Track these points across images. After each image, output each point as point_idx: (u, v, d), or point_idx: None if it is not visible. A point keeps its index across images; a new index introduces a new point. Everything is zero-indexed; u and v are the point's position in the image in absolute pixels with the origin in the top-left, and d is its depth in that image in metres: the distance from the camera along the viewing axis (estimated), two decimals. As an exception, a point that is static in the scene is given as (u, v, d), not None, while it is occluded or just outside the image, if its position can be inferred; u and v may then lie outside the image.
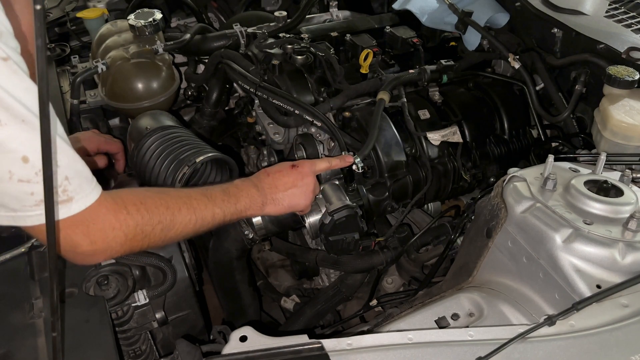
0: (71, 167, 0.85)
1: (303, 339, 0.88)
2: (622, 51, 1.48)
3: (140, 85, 1.78)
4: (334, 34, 1.86)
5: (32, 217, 0.83)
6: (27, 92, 0.77)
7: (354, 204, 1.35)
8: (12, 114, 0.75)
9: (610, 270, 0.97)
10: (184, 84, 2.02)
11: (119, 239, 0.94)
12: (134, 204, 0.96)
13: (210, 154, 1.40)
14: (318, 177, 1.38)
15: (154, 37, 1.85)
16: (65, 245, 0.90)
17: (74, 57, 2.07)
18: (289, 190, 1.25)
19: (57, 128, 0.83)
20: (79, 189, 0.86)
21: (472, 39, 1.83)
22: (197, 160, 1.38)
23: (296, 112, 1.54)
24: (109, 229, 0.92)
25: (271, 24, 1.97)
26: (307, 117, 1.52)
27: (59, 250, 0.91)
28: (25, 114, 0.77)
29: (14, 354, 0.98)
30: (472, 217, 1.29)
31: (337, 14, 2.12)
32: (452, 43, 1.91)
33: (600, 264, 0.97)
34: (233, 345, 0.87)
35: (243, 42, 1.93)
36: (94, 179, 0.90)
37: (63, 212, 0.85)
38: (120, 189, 1.02)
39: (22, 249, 1.17)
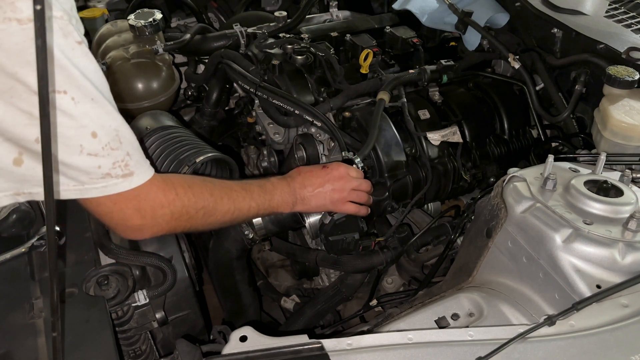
0: (132, 143, 0.93)
1: (303, 339, 0.88)
2: (622, 51, 1.48)
3: (140, 85, 1.78)
4: (334, 34, 1.86)
5: (98, 189, 0.90)
6: (96, 73, 0.87)
7: (354, 204, 1.35)
8: (84, 92, 0.83)
9: (610, 270, 0.97)
10: (184, 84, 2.02)
11: (166, 216, 1.01)
12: (182, 187, 1.03)
13: (210, 154, 1.41)
14: None
15: (154, 37, 1.85)
16: (116, 218, 0.97)
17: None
18: (317, 190, 1.29)
19: (115, 107, 0.91)
20: (138, 165, 0.94)
21: (472, 39, 1.83)
22: (197, 160, 1.38)
23: (296, 112, 1.54)
24: (159, 206, 0.99)
25: (271, 24, 1.97)
26: (307, 117, 1.52)
27: (110, 222, 0.98)
28: (95, 93, 0.85)
29: (14, 354, 0.98)
30: (472, 217, 1.29)
31: (337, 14, 2.12)
32: (452, 43, 1.91)
33: (600, 264, 0.97)
34: (233, 345, 0.87)
35: (243, 42, 1.93)
36: (147, 159, 0.98)
37: (125, 185, 0.92)
38: (169, 173, 1.11)
39: (22, 249, 1.17)
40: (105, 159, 0.88)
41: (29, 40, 0.75)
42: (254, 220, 1.44)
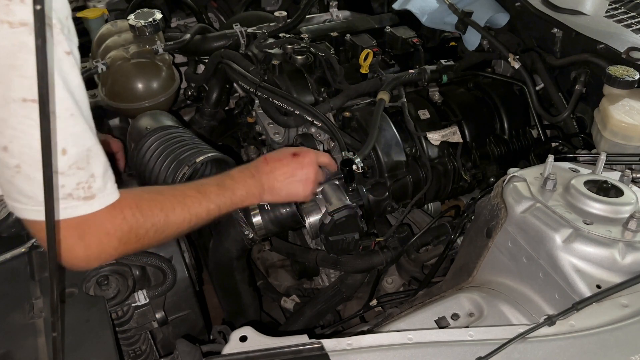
0: (100, 165, 0.88)
1: (303, 339, 0.88)
2: (622, 51, 1.48)
3: (140, 85, 1.78)
4: (334, 34, 1.86)
5: (58, 210, 0.84)
6: (79, 88, 0.82)
7: (354, 204, 1.35)
8: (64, 106, 0.79)
9: (610, 270, 0.97)
10: (184, 84, 2.02)
11: (112, 243, 0.93)
12: (130, 208, 0.95)
13: (210, 154, 1.41)
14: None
15: (154, 37, 1.85)
16: (72, 232, 0.89)
17: (74, 57, 2.06)
18: (288, 179, 1.24)
19: (93, 125, 0.86)
20: (101, 189, 0.88)
21: (472, 39, 1.83)
22: (197, 160, 1.38)
23: (296, 112, 1.54)
24: (104, 234, 0.92)
25: (271, 24, 1.97)
26: (307, 117, 1.52)
27: (64, 231, 0.90)
28: (74, 108, 0.80)
29: (14, 354, 0.98)
30: (472, 217, 1.29)
31: (337, 14, 2.12)
32: (452, 43, 1.91)
33: (600, 264, 0.97)
34: (233, 345, 0.87)
35: (243, 42, 1.93)
36: (114, 183, 0.92)
37: (84, 209, 0.86)
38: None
39: (22, 249, 1.17)
40: (69, 179, 0.83)
41: (18, 44, 0.73)
42: (254, 220, 1.44)
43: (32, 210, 0.84)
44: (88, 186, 0.85)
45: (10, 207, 0.86)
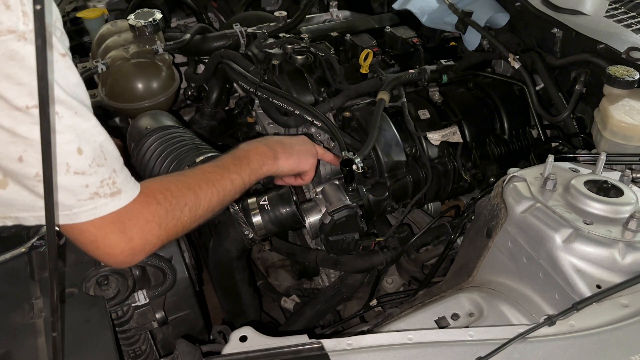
0: (117, 159, 0.87)
1: (303, 339, 0.88)
2: (622, 51, 1.48)
3: (140, 85, 1.78)
4: (334, 34, 1.86)
5: (88, 211, 0.83)
6: (79, 87, 0.81)
7: (354, 204, 1.35)
8: (67, 106, 0.77)
9: (610, 270, 0.97)
10: (184, 84, 2.02)
11: (154, 230, 0.93)
12: (160, 192, 0.96)
13: (209, 154, 1.41)
14: (317, 176, 1.39)
15: (154, 37, 1.85)
16: (102, 247, 0.88)
17: (74, 57, 2.07)
18: (296, 147, 1.28)
19: (98, 121, 0.85)
20: (125, 182, 0.87)
21: (472, 39, 1.83)
22: (197, 160, 1.38)
23: (296, 112, 1.54)
24: (144, 222, 0.91)
25: (271, 24, 1.97)
26: (307, 117, 1.52)
27: (95, 253, 0.89)
28: (79, 106, 0.79)
29: (14, 354, 0.98)
30: (472, 217, 1.29)
31: (337, 14, 2.12)
32: (452, 43, 1.91)
33: (600, 264, 0.97)
34: (233, 345, 0.87)
35: (243, 42, 1.93)
36: (131, 177, 0.91)
37: (114, 205, 0.85)
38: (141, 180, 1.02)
39: (22, 249, 1.17)
40: (92, 177, 0.81)
41: (8, 52, 0.71)
42: (254, 220, 1.44)
43: (63, 215, 0.83)
44: (112, 182, 0.84)
45: (36, 219, 0.84)
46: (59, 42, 0.77)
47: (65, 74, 0.78)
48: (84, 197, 0.82)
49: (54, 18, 0.78)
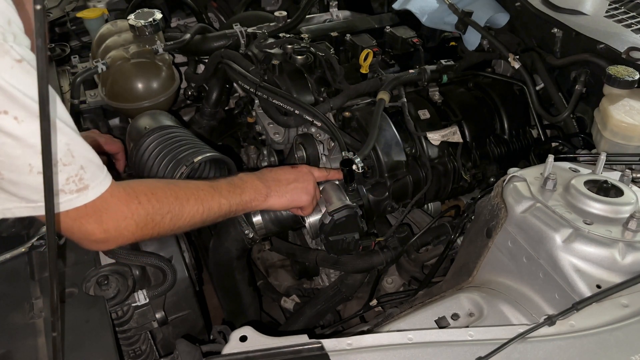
0: (85, 156, 0.89)
1: (303, 339, 0.88)
2: (622, 51, 1.48)
3: (140, 85, 1.78)
4: (334, 34, 1.86)
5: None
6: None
7: (354, 204, 1.35)
8: (29, 111, 0.79)
9: (610, 270, 0.97)
10: (184, 84, 2.02)
11: (130, 227, 0.98)
12: (145, 194, 1.00)
13: (208, 154, 1.40)
14: None
15: (154, 37, 1.85)
16: (78, 234, 0.94)
17: (74, 57, 2.07)
18: (291, 184, 1.29)
19: (69, 121, 0.87)
20: (93, 177, 0.90)
21: (472, 39, 1.83)
22: (195, 160, 1.38)
23: (296, 112, 1.54)
24: (121, 217, 0.96)
25: (271, 24, 1.97)
26: (307, 117, 1.52)
27: (72, 237, 0.95)
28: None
29: (14, 354, 0.98)
30: (472, 217, 1.29)
31: (337, 14, 2.12)
32: (452, 43, 1.91)
33: (600, 264, 0.97)
34: (233, 345, 0.87)
35: (243, 42, 1.93)
36: (105, 168, 0.94)
37: (81, 200, 0.89)
38: (131, 179, 1.05)
39: (22, 249, 1.17)
40: (57, 176, 0.85)
41: None
42: (254, 220, 1.44)
43: (27, 208, 0.86)
44: (79, 178, 0.87)
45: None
46: (13, 48, 0.77)
47: (23, 79, 0.78)
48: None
49: (5, 21, 0.78)
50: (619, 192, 1.07)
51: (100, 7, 2.20)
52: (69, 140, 0.86)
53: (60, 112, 0.86)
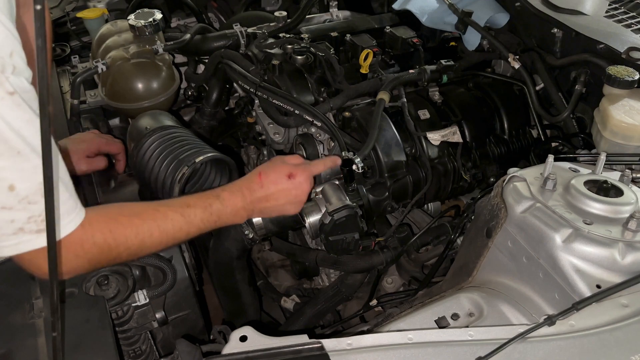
0: (62, 194, 0.88)
1: (303, 339, 0.88)
2: (622, 51, 1.48)
3: (140, 85, 1.78)
4: (334, 34, 1.86)
5: (10, 247, 0.85)
6: (28, 124, 0.80)
7: (354, 204, 1.35)
8: (8, 145, 0.78)
9: (610, 270, 0.97)
10: (184, 84, 2.02)
11: (83, 265, 0.98)
12: (101, 232, 0.97)
13: (209, 154, 1.40)
14: (317, 176, 1.38)
15: (154, 37, 1.85)
16: (29, 267, 0.93)
17: (74, 57, 2.07)
18: (280, 202, 1.25)
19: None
20: (56, 220, 0.87)
21: (472, 39, 1.83)
22: (197, 160, 1.38)
23: (296, 112, 1.54)
24: (73, 257, 0.95)
25: (271, 24, 1.97)
26: (307, 117, 1.52)
27: (23, 267, 0.93)
28: (22, 146, 0.80)
29: (14, 354, 0.98)
30: (472, 217, 1.29)
31: (337, 14, 2.12)
32: (452, 43, 1.91)
33: (600, 264, 0.97)
34: (233, 345, 0.87)
35: (243, 42, 1.93)
36: (76, 209, 0.92)
37: (38, 242, 0.86)
38: (95, 207, 1.01)
39: (22, 249, 1.17)
40: (20, 213, 0.83)
41: None
42: (254, 220, 1.44)
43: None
44: (41, 219, 0.85)
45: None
46: (7, 80, 0.77)
47: (13, 112, 0.78)
48: (8, 231, 0.84)
49: (8, 52, 0.77)
50: (618, 192, 1.07)
51: (100, 7, 2.20)
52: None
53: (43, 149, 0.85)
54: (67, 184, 0.90)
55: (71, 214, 0.92)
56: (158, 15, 1.86)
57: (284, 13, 1.96)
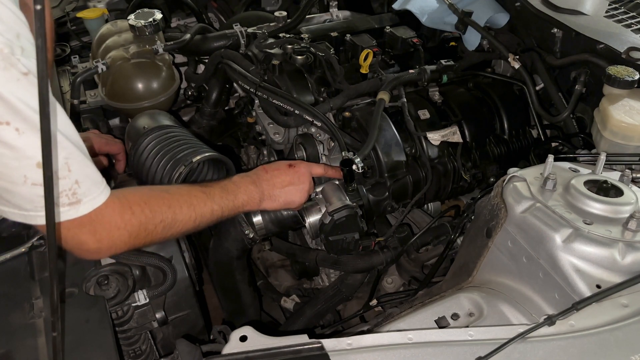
0: (82, 171, 0.91)
1: (303, 338, 0.88)
2: (622, 51, 1.48)
3: (140, 85, 1.78)
4: (334, 34, 1.86)
5: (43, 216, 0.86)
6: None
7: (354, 204, 1.35)
8: (29, 123, 0.81)
9: (610, 270, 0.97)
10: (184, 84, 2.02)
11: (123, 237, 1.00)
12: (138, 204, 1.02)
13: (206, 154, 1.40)
14: (316, 178, 1.39)
15: (154, 37, 1.85)
16: (72, 243, 0.96)
17: (74, 57, 2.07)
18: (286, 187, 1.32)
19: (71, 134, 0.89)
20: (87, 192, 0.91)
21: (472, 39, 1.83)
22: (194, 160, 1.38)
23: (296, 112, 1.54)
24: (115, 228, 0.98)
25: (271, 24, 1.97)
26: (307, 117, 1.52)
27: (65, 246, 0.97)
28: None
29: (14, 354, 0.98)
30: (472, 217, 1.29)
31: (337, 14, 2.12)
32: (452, 43, 1.91)
33: (600, 264, 0.97)
34: (233, 345, 0.87)
35: (243, 42, 1.93)
36: (103, 182, 0.95)
37: (71, 214, 0.90)
38: (125, 188, 1.06)
39: (22, 249, 1.17)
40: None
41: None
42: (254, 220, 1.44)
43: (18, 214, 0.89)
44: (72, 193, 0.89)
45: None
46: (20, 61, 0.78)
47: (28, 91, 0.80)
48: (40, 204, 0.85)
49: (15, 35, 0.79)
50: (618, 192, 1.07)
51: (100, 7, 2.20)
52: (68, 154, 0.88)
53: (62, 126, 0.87)
54: (90, 160, 0.93)
55: (101, 185, 0.95)
56: (158, 15, 1.86)
57: (284, 13, 1.96)
